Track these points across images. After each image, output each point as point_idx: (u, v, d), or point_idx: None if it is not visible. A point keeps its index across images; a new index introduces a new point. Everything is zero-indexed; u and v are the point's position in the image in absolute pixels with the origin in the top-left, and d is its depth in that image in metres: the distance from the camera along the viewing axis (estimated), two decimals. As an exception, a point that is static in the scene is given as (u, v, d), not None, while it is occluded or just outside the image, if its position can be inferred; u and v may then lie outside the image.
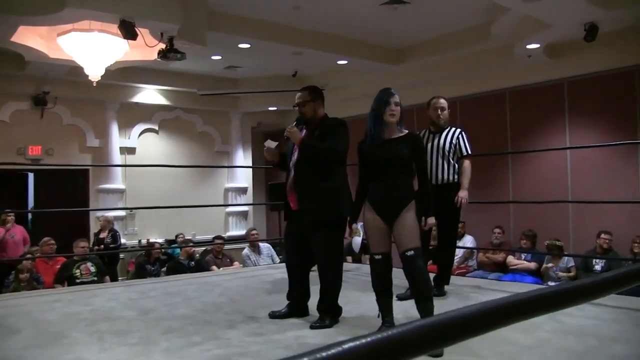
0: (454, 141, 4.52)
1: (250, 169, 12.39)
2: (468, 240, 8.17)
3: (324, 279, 3.78)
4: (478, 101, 9.05)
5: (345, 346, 0.54)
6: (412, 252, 3.22)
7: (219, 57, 9.22)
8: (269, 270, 6.34)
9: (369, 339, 0.56)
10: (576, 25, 6.44)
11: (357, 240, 4.03)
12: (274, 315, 3.86)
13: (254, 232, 8.72)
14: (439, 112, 4.59)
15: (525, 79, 8.29)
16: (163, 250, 8.95)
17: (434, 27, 7.92)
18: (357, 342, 0.55)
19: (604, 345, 3.03)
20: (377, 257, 3.35)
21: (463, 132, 4.60)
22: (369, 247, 3.46)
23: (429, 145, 4.53)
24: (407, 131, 3.47)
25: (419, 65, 9.13)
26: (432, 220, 3.41)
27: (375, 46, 8.90)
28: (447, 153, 4.49)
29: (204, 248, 9.06)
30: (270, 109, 11.75)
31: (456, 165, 4.52)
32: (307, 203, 3.74)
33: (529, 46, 7.22)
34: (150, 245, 9.51)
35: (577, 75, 7.81)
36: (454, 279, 4.96)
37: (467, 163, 4.53)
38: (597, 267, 6.76)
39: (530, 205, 7.71)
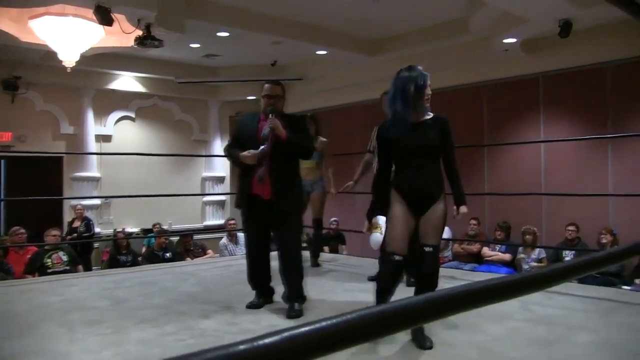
0: None
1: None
2: (444, 232, 8.22)
3: (295, 268, 3.85)
4: (455, 94, 9.10)
5: (289, 333, 0.54)
6: (430, 249, 3.04)
7: (198, 45, 9.13)
8: (245, 260, 6.31)
9: (316, 326, 0.56)
10: (551, 22, 6.53)
11: (378, 237, 3.41)
12: (250, 306, 3.89)
13: (232, 221, 8.67)
14: None
15: (502, 73, 8.36)
16: (130, 240, 8.83)
17: (413, 19, 7.93)
18: (305, 329, 0.55)
19: (572, 334, 3.10)
20: (397, 257, 3.02)
21: None
22: (388, 243, 3.10)
23: None
24: (432, 114, 3.18)
25: (398, 57, 9.12)
26: (464, 209, 3.19)
27: (355, 37, 8.88)
28: None
29: (177, 238, 9.00)
30: (249, 98, 11.69)
31: None
32: (282, 194, 3.77)
33: (505, 40, 7.28)
34: (123, 234, 9.39)
35: (552, 70, 7.89)
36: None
37: None
38: (567, 258, 6.89)
39: (505, 197, 7.80)
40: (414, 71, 3.06)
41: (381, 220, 3.28)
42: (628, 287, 6.36)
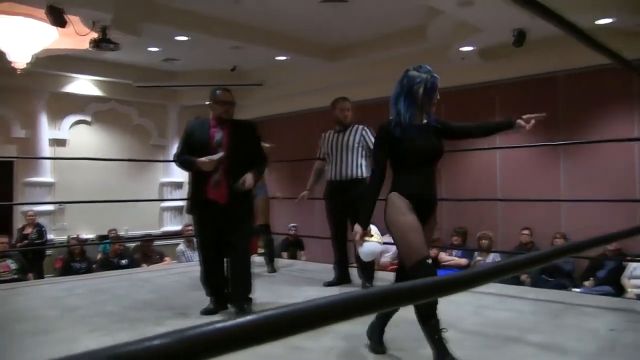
0: (358, 138, 4.78)
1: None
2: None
3: (247, 270, 3.95)
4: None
5: (218, 325, 0.54)
6: (430, 260, 2.86)
7: (156, 49, 9.01)
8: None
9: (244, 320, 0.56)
10: (506, 31, 6.69)
11: (374, 247, 3.00)
12: (205, 312, 3.86)
13: (189, 227, 8.58)
14: (346, 112, 4.84)
15: (459, 81, 8.51)
16: (85, 246, 8.65)
17: (372, 26, 8.01)
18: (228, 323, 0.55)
19: (522, 336, 3.17)
20: (428, 260, 2.79)
21: (367, 128, 4.83)
22: (414, 252, 2.70)
23: (336, 143, 4.80)
24: (434, 118, 2.98)
25: (358, 63, 9.21)
26: None
27: (315, 43, 8.91)
28: (354, 149, 4.74)
29: (134, 244, 8.85)
30: (209, 103, 11.57)
31: (362, 162, 4.77)
32: (238, 198, 3.85)
33: (462, 49, 7.42)
34: (77, 241, 9.16)
35: (508, 78, 8.08)
36: (387, 275, 5.06)
37: None
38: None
39: (462, 202, 7.93)
40: (424, 72, 2.85)
41: (374, 227, 3.00)
42: (578, 290, 6.55)
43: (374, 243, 2.97)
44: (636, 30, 6.81)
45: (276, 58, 9.23)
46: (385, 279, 4.87)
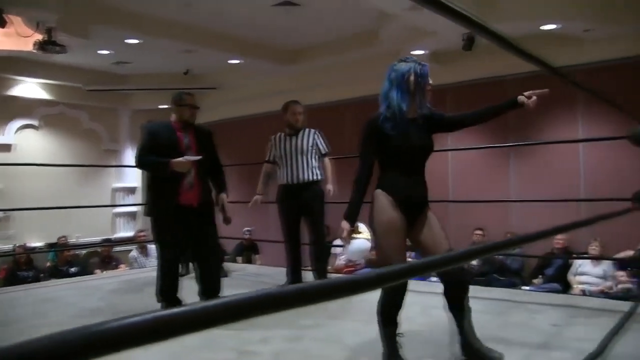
0: (310, 142, 4.82)
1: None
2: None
3: (218, 271, 4.11)
4: (367, 104, 9.28)
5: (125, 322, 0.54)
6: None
7: (106, 52, 8.84)
8: (155, 272, 6.15)
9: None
10: (456, 35, 6.83)
11: (363, 245, 2.80)
12: None
13: (141, 233, 8.44)
14: (298, 116, 4.85)
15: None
16: (33, 255, 8.40)
17: (326, 30, 8.05)
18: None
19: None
20: None
21: (319, 133, 4.91)
22: (389, 256, 2.63)
23: (289, 145, 4.80)
24: (430, 109, 2.87)
25: (312, 67, 9.24)
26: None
27: (269, 47, 8.90)
28: (306, 153, 4.78)
29: (85, 251, 8.64)
30: (161, 107, 11.40)
31: (316, 165, 4.81)
32: (208, 200, 4.03)
33: (414, 52, 7.52)
34: (24, 249, 8.88)
35: (459, 81, 8.23)
36: (339, 276, 5.07)
37: (328, 160, 4.91)
38: (473, 262, 7.18)
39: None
40: (411, 61, 2.76)
41: (361, 225, 2.86)
42: (527, 288, 6.72)
43: (363, 240, 2.82)
44: (580, 36, 7.04)
45: (229, 61, 9.18)
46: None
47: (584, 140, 7.09)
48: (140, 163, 3.98)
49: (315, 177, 4.79)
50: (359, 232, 2.79)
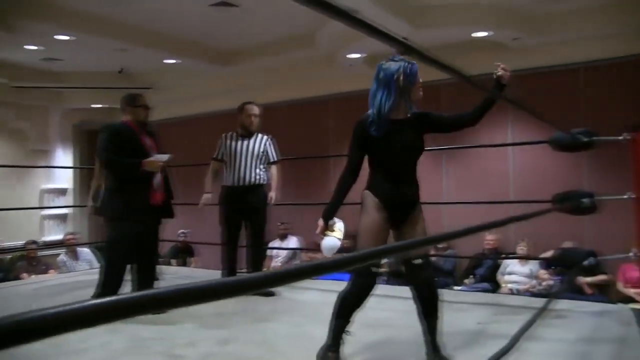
0: (262, 147, 4.81)
1: (72, 170, 11.53)
2: (292, 241, 8.36)
3: (154, 272, 4.24)
4: (303, 106, 9.35)
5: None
6: (420, 260, 2.78)
7: (35, 48, 8.48)
8: (84, 276, 5.97)
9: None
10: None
11: (334, 243, 2.86)
12: None
13: (70, 236, 8.16)
14: (253, 118, 4.81)
15: (348, 87, 8.71)
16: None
17: (263, 31, 8.01)
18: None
19: (396, 334, 3.29)
20: (374, 269, 2.74)
21: (271, 140, 4.91)
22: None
23: (240, 147, 4.76)
24: (416, 110, 2.87)
25: (249, 68, 9.19)
26: None
27: (206, 47, 8.79)
28: (257, 157, 4.76)
29: (10, 256, 8.27)
30: (95, 106, 11.08)
31: (263, 170, 4.82)
32: (170, 199, 4.19)
33: (350, 55, 7.61)
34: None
35: (394, 85, 8.36)
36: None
37: (276, 168, 4.91)
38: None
39: (351, 205, 8.09)
40: (399, 59, 2.73)
41: (339, 223, 2.93)
42: (459, 288, 6.90)
43: (334, 238, 2.88)
44: (510, 44, 7.29)
45: (165, 61, 9.00)
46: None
47: (511, 145, 7.31)
48: (111, 164, 3.95)
49: (261, 181, 4.78)
50: (333, 231, 2.86)
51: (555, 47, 7.21)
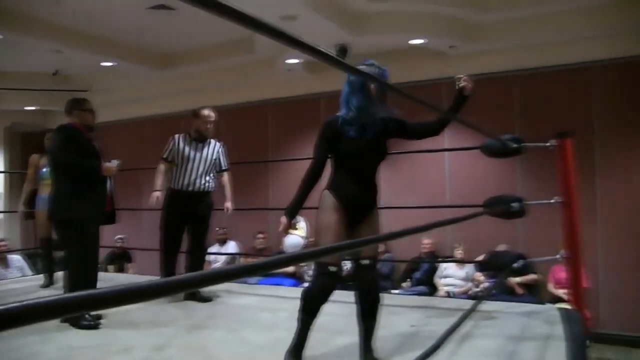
0: (215, 154, 4.77)
1: (2, 174, 11.08)
2: (231, 246, 8.32)
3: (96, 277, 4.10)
4: (242, 111, 9.34)
5: None
6: (367, 262, 2.84)
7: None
8: (15, 284, 5.75)
9: None
10: (329, 45, 6.98)
11: (297, 241, 2.93)
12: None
13: (1, 242, 7.82)
14: (208, 125, 4.73)
15: (286, 92, 8.76)
16: None
17: (202, 35, 7.95)
18: None
19: (331, 338, 3.33)
20: (332, 269, 2.74)
21: (223, 147, 4.88)
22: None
23: (194, 152, 4.68)
24: (387, 114, 2.90)
25: (188, 72, 9.12)
26: None
27: (144, 50, 8.65)
28: (210, 164, 4.71)
29: None
30: (28, 108, 10.70)
31: (212, 177, 4.76)
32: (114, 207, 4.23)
33: (288, 61, 7.65)
34: None
35: (331, 90, 8.43)
36: (220, 286, 5.04)
37: (227, 176, 4.88)
38: (347, 266, 7.40)
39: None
40: (372, 65, 2.79)
41: (302, 221, 2.95)
42: (396, 291, 7.02)
43: (296, 237, 2.91)
44: (447, 52, 7.51)
45: (103, 64, 8.79)
46: (211, 289, 4.83)
47: (444, 150, 7.45)
48: (72, 165, 3.87)
49: (210, 189, 4.72)
50: (296, 229, 2.88)
51: (491, 55, 7.46)
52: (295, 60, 7.67)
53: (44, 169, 5.28)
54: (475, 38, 7.26)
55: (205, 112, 4.74)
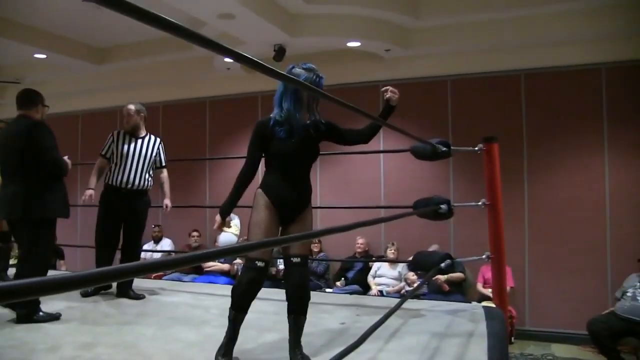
0: (154, 150, 4.72)
1: None
2: (166, 244, 8.24)
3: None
4: (180, 107, 9.25)
5: None
6: (299, 259, 2.88)
7: None
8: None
9: None
10: (267, 45, 7.08)
11: (230, 238, 3.10)
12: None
13: None
14: (127, 118, 4.70)
15: (225, 90, 8.75)
16: None
17: (139, 30, 7.81)
18: None
19: (261, 335, 3.39)
20: (259, 264, 2.77)
21: (161, 143, 4.82)
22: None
23: (133, 149, 4.61)
24: (318, 118, 2.95)
25: (124, 67, 8.95)
26: None
27: (78, 43, 8.44)
28: (148, 161, 4.65)
29: None
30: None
31: (151, 174, 4.71)
32: None
33: (227, 59, 7.63)
34: None
35: (270, 90, 8.46)
36: (147, 282, 5.02)
37: (166, 173, 4.84)
38: (281, 266, 7.46)
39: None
40: (310, 71, 2.83)
41: (235, 219, 3.00)
42: (330, 290, 7.13)
43: (230, 234, 3.04)
44: (383, 55, 7.68)
45: (35, 55, 8.50)
46: (144, 286, 4.79)
47: (377, 152, 7.58)
48: (60, 163, 3.83)
49: (148, 186, 4.67)
50: (230, 227, 2.90)
51: (425, 60, 7.69)
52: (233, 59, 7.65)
53: None
54: (410, 43, 7.46)
55: (126, 107, 4.73)
